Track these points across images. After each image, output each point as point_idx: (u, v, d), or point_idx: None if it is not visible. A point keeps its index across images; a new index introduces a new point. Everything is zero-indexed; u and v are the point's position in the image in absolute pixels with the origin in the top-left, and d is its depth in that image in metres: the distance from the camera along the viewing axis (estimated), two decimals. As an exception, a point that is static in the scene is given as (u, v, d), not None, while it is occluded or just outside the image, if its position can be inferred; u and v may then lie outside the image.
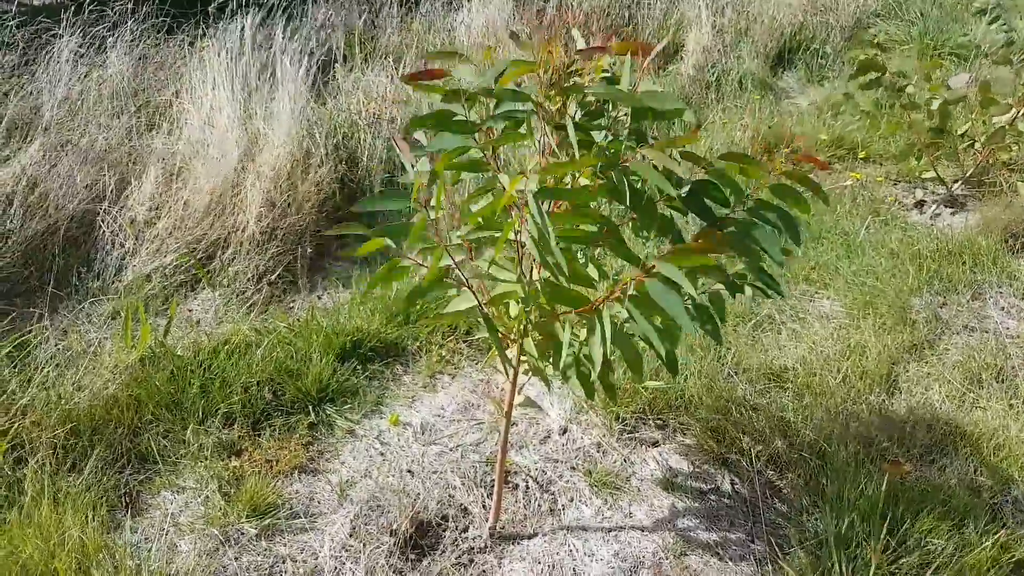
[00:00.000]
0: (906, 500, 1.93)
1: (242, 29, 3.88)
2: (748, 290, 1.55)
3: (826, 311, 2.85)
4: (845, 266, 3.07)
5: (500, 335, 1.60)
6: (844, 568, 1.76)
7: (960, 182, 3.76)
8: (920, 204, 3.75)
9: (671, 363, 1.49)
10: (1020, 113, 3.57)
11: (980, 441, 2.21)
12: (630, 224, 1.50)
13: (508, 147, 3.75)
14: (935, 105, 3.64)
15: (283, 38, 3.99)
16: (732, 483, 2.09)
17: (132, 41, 3.95)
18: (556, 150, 1.36)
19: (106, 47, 3.86)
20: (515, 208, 1.34)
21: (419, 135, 1.46)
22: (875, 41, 3.73)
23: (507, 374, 1.69)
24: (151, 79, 3.93)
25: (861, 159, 4.18)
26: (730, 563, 1.87)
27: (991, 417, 2.30)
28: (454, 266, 1.48)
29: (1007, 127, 3.61)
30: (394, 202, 1.47)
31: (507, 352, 1.67)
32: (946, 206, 3.70)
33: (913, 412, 2.31)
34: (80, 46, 3.78)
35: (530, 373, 1.74)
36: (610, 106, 1.41)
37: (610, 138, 1.40)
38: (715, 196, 1.43)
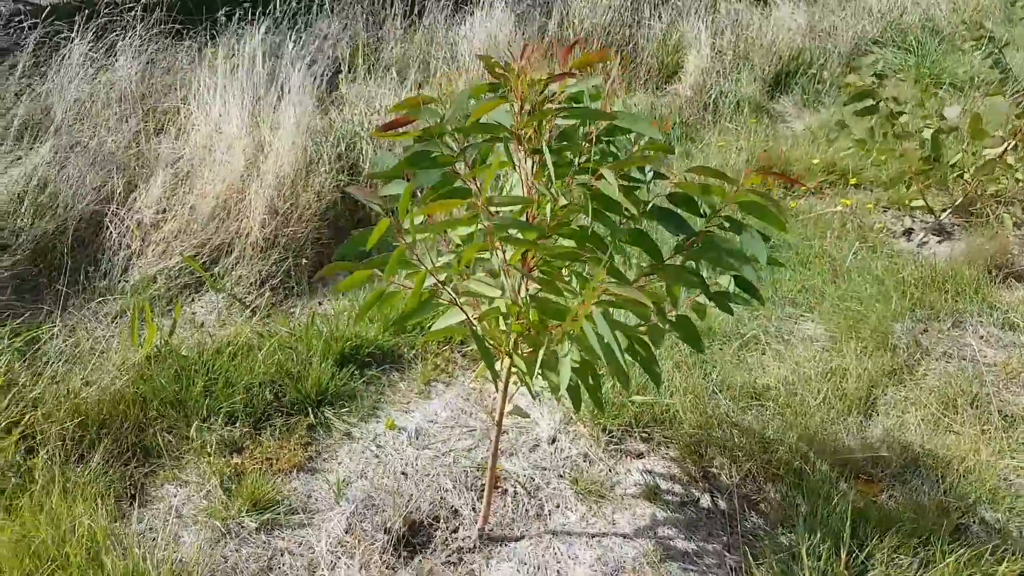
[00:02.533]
0: (877, 518, 2.02)
1: (250, 38, 3.97)
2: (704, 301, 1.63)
3: (810, 333, 2.95)
4: (831, 290, 3.17)
5: (491, 347, 1.69)
6: (814, 580, 1.84)
7: (948, 211, 3.86)
8: (908, 232, 3.84)
9: (654, 376, 1.59)
10: (1010, 146, 3.67)
11: (951, 464, 2.30)
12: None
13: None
14: (928, 134, 3.74)
15: (292, 48, 4.09)
16: (712, 496, 2.18)
17: (140, 46, 4.04)
18: (540, 170, 1.43)
19: (116, 51, 3.95)
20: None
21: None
22: (876, 72, 3.81)
23: (496, 386, 1.78)
24: (158, 84, 4.01)
25: (853, 185, 4.28)
26: (706, 571, 1.95)
27: (963, 442, 2.39)
28: (440, 285, 1.55)
29: (997, 159, 3.70)
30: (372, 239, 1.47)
31: (497, 363, 1.76)
32: (934, 234, 3.80)
33: (889, 433, 2.40)
34: (91, 49, 3.86)
35: (519, 384, 1.83)
36: (580, 127, 1.49)
37: (584, 159, 1.47)
38: (689, 208, 1.52)
